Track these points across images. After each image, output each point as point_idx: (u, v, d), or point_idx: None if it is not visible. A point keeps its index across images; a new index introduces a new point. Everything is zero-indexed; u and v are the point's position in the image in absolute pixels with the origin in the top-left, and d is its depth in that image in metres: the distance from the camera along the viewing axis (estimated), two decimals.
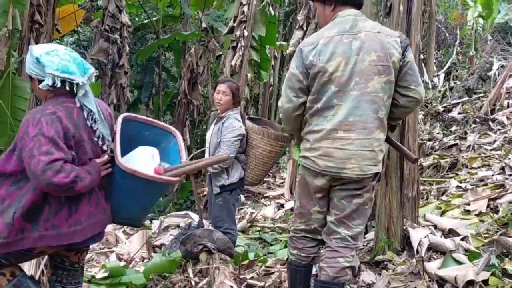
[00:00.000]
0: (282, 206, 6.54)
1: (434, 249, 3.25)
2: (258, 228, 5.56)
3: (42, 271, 3.60)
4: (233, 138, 3.61)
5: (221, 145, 3.62)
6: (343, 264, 2.43)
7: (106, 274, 3.76)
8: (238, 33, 7.12)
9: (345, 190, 2.45)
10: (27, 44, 7.03)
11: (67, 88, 2.08)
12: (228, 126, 3.65)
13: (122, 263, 4.07)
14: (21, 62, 6.97)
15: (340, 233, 2.46)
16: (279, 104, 2.59)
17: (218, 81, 4.01)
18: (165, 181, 2.28)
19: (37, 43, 7.09)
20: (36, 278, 3.52)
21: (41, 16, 7.08)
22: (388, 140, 2.62)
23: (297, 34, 9.12)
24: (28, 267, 3.58)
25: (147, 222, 5.51)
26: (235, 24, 7.21)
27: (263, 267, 3.56)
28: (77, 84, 2.10)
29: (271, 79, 11.95)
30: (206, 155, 3.78)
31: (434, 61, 12.42)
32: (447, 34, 14.62)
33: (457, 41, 13.60)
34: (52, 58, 2.07)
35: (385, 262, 3.21)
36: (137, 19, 11.92)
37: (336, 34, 2.39)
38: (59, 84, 2.06)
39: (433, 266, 3.00)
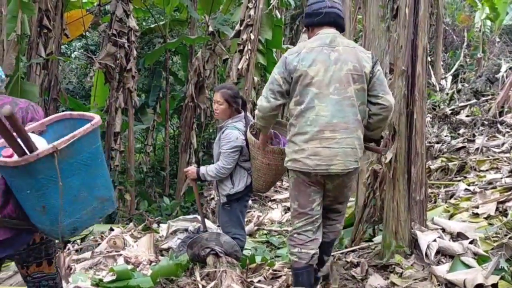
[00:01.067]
0: (289, 209, 6.53)
1: (443, 253, 3.23)
2: (265, 232, 5.55)
3: None
4: (229, 150, 3.54)
5: (220, 156, 3.60)
6: (339, 228, 3.10)
7: (113, 277, 3.77)
8: (244, 36, 7.14)
9: (335, 185, 2.81)
10: (35, 49, 7.11)
11: None
12: (225, 137, 3.59)
13: (130, 267, 4.07)
14: (30, 67, 7.04)
15: (337, 208, 2.99)
16: (258, 102, 2.89)
17: (214, 90, 3.92)
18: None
19: (45, 48, 7.17)
20: None
21: (49, 21, 7.15)
22: (368, 147, 2.99)
23: (304, 37, 9.14)
24: None
25: (154, 226, 5.52)
26: (241, 28, 7.23)
27: (270, 271, 3.55)
28: None
29: None
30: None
31: (442, 63, 12.37)
32: (454, 36, 14.56)
33: (465, 43, 13.53)
34: None
35: (393, 266, 3.19)
36: (144, 23, 11.98)
37: (318, 46, 2.75)
38: None
39: (441, 270, 2.98)
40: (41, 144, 1.93)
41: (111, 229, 5.20)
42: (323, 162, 2.66)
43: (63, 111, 11.18)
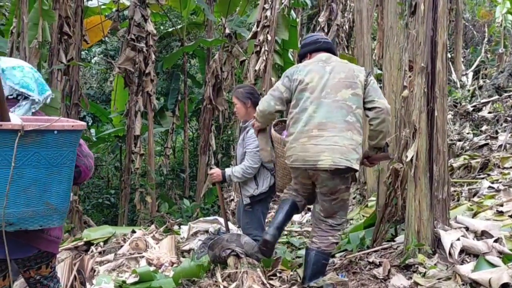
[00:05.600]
0: (309, 210, 6.51)
1: (467, 252, 3.17)
2: (286, 232, 5.54)
3: (75, 276, 3.68)
4: (255, 149, 3.57)
5: (246, 156, 3.60)
6: (332, 240, 3.13)
7: (136, 279, 3.82)
8: (261, 37, 7.15)
9: (325, 183, 2.97)
10: (56, 55, 7.24)
11: (30, 100, 2.17)
12: (250, 136, 3.63)
13: (152, 268, 4.11)
14: (52, 73, 7.17)
15: (327, 221, 3.14)
16: (259, 104, 3.26)
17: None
18: None
19: (66, 54, 7.30)
20: (69, 283, 3.61)
21: (69, 28, 7.27)
22: (377, 157, 3.24)
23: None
24: (61, 272, 3.67)
25: (175, 228, 5.57)
26: (258, 29, 7.23)
27: (291, 272, 3.54)
28: (33, 100, 2.18)
29: None
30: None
31: (462, 59, 12.18)
32: (474, 32, 14.32)
33: (485, 39, 13.30)
34: (17, 73, 2.18)
35: (416, 266, 3.15)
36: (162, 27, 12.10)
37: (314, 61, 3.14)
38: (14, 96, 2.15)
39: (466, 269, 2.93)
40: (16, 121, 1.88)
41: (133, 231, 5.25)
42: (310, 158, 2.89)
43: (84, 116, 11.39)
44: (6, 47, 6.35)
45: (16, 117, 1.94)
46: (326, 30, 9.15)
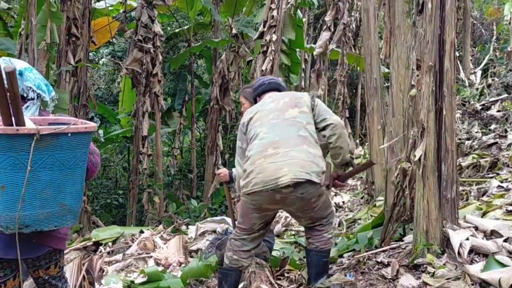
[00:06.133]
0: None
1: (476, 251, 3.15)
2: (293, 232, 5.54)
3: (84, 276, 3.71)
4: None
5: None
6: (327, 237, 3.07)
7: (144, 279, 3.84)
8: (268, 37, 7.14)
9: (292, 201, 2.82)
10: (64, 57, 7.29)
11: (37, 101, 2.21)
12: None
13: (160, 268, 4.13)
14: (60, 74, 7.22)
15: (317, 224, 3.06)
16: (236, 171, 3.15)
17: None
18: None
19: (74, 55, 7.34)
20: (78, 283, 3.63)
21: (77, 29, 7.32)
22: (348, 174, 3.26)
23: (325, 35, 9.07)
24: (70, 273, 3.69)
25: (183, 228, 5.59)
26: (265, 29, 7.23)
27: (299, 272, 3.54)
28: (44, 100, 2.23)
29: (302, 82, 11.93)
30: None
31: (470, 58, 12.09)
32: (483, 30, 14.22)
33: (494, 37, 13.18)
34: (31, 75, 2.22)
35: (425, 265, 3.13)
36: (169, 28, 12.14)
37: (258, 104, 3.18)
38: (31, 97, 2.19)
39: (475, 268, 2.91)
40: (30, 125, 1.92)
41: (141, 232, 5.28)
42: (271, 177, 2.72)
43: (92, 117, 11.46)
44: (15, 49, 6.40)
45: (30, 121, 1.96)
46: (332, 30, 9.10)
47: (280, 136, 2.84)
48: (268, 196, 2.78)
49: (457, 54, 8.52)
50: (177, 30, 11.25)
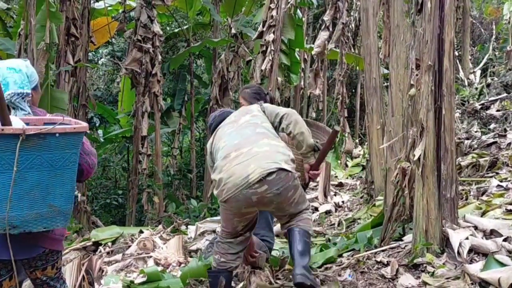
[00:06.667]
0: (316, 209, 6.49)
1: (476, 251, 3.15)
2: None
3: (83, 276, 3.70)
4: None
5: None
6: (306, 217, 2.99)
7: (144, 279, 3.83)
8: (267, 37, 7.15)
9: (279, 204, 2.84)
10: (64, 57, 7.29)
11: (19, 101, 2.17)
12: None
13: (160, 268, 4.13)
14: (59, 74, 7.22)
15: (297, 213, 2.97)
16: None
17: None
18: None
19: (73, 55, 7.35)
20: (78, 283, 3.63)
21: (76, 29, 7.33)
22: (318, 159, 3.17)
23: (323, 34, 9.08)
24: (69, 273, 3.69)
25: (183, 228, 5.59)
26: (264, 29, 7.24)
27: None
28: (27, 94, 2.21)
29: (302, 82, 11.93)
30: None
31: (470, 57, 12.10)
32: (482, 30, 14.23)
33: (493, 36, 13.20)
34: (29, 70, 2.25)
35: (424, 265, 3.13)
36: (168, 28, 12.14)
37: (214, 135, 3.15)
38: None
39: (475, 268, 2.91)
40: (17, 125, 1.88)
41: (141, 232, 5.27)
42: (241, 177, 2.69)
43: (92, 117, 11.45)
44: (14, 49, 6.41)
45: (18, 121, 1.94)
46: (331, 29, 9.12)
47: (238, 139, 2.87)
48: (245, 200, 2.74)
49: (456, 53, 8.52)
50: (176, 30, 11.24)
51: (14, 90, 2.14)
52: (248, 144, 2.81)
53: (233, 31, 9.69)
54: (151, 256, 4.46)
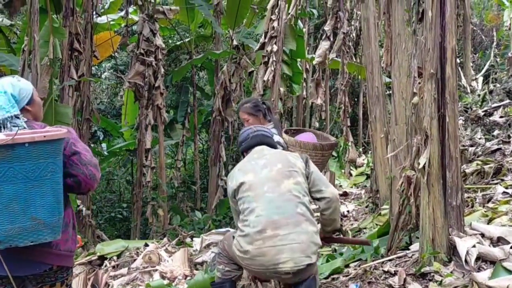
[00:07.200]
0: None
1: (483, 259, 3.13)
2: None
3: None
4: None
5: None
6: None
7: None
8: (269, 48, 7.18)
9: (287, 282, 2.78)
10: (67, 72, 7.34)
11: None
12: None
13: (166, 282, 4.12)
14: (63, 89, 7.26)
15: None
16: None
17: (237, 110, 4.12)
18: None
19: (77, 70, 7.40)
20: None
21: (79, 44, 7.38)
22: (335, 239, 3.19)
23: (324, 44, 9.11)
24: (75, 286, 3.68)
25: (188, 240, 5.57)
26: (266, 40, 7.27)
27: None
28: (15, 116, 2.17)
29: (304, 92, 11.96)
30: None
31: (471, 64, 12.11)
32: (483, 37, 14.27)
33: (494, 43, 13.23)
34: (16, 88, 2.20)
35: (432, 274, 3.11)
36: (170, 41, 12.22)
37: (246, 161, 2.99)
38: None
39: (483, 276, 2.89)
40: None
41: (146, 245, 5.26)
42: (269, 262, 2.62)
43: (95, 130, 11.48)
44: (18, 65, 6.45)
45: None
46: (332, 39, 9.15)
47: (278, 214, 2.69)
48: (265, 274, 2.76)
49: (458, 61, 8.54)
50: (178, 43, 11.32)
51: (1, 115, 2.07)
52: (286, 227, 2.66)
53: (235, 42, 9.75)
54: (156, 270, 4.45)
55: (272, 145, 3.10)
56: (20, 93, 2.19)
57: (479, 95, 9.93)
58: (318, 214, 3.01)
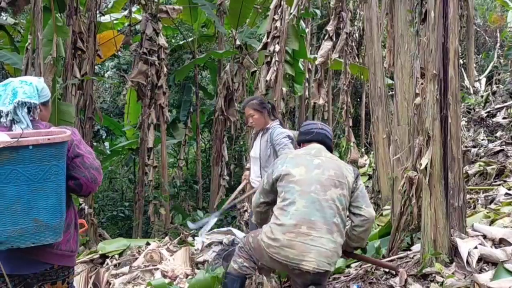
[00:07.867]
0: None
1: (485, 260, 3.13)
2: None
3: None
4: (285, 140, 3.75)
5: (280, 149, 3.68)
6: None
7: None
8: (271, 48, 7.18)
9: (304, 281, 2.85)
10: (70, 71, 7.35)
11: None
12: (277, 133, 3.82)
13: (167, 280, 4.12)
14: (66, 88, 7.28)
15: None
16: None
17: (242, 108, 4.16)
18: None
19: (80, 69, 7.41)
20: None
21: (83, 43, 7.39)
22: (355, 255, 3.25)
23: (326, 44, 9.10)
24: (77, 286, 3.69)
25: (189, 239, 5.58)
26: (268, 40, 7.27)
27: None
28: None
29: (306, 92, 11.96)
30: (252, 171, 3.88)
31: (475, 65, 12.09)
32: (486, 38, 14.24)
33: (498, 44, 13.20)
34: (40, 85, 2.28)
35: (433, 275, 3.11)
36: (173, 40, 12.23)
37: (302, 153, 3.02)
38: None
39: (484, 277, 2.89)
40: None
41: (148, 244, 5.27)
42: (295, 256, 2.72)
43: (98, 129, 11.51)
44: (22, 64, 6.47)
45: (1, 135, 1.89)
46: (334, 39, 9.15)
47: (317, 217, 2.77)
48: (286, 268, 2.85)
49: (461, 61, 8.52)
50: (181, 42, 11.33)
51: (21, 98, 2.12)
52: (320, 231, 2.75)
53: (238, 42, 9.75)
54: (158, 268, 4.45)
55: (330, 148, 3.14)
56: (43, 91, 2.29)
57: (482, 96, 9.91)
58: (348, 227, 3.05)
